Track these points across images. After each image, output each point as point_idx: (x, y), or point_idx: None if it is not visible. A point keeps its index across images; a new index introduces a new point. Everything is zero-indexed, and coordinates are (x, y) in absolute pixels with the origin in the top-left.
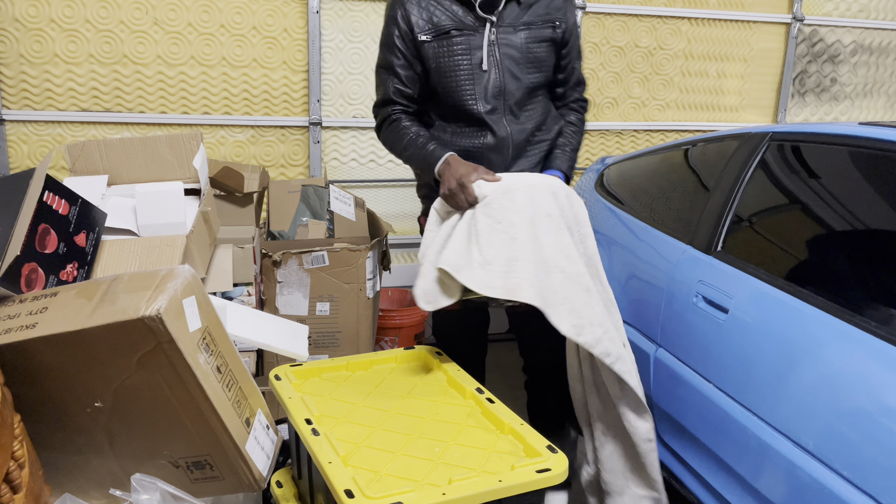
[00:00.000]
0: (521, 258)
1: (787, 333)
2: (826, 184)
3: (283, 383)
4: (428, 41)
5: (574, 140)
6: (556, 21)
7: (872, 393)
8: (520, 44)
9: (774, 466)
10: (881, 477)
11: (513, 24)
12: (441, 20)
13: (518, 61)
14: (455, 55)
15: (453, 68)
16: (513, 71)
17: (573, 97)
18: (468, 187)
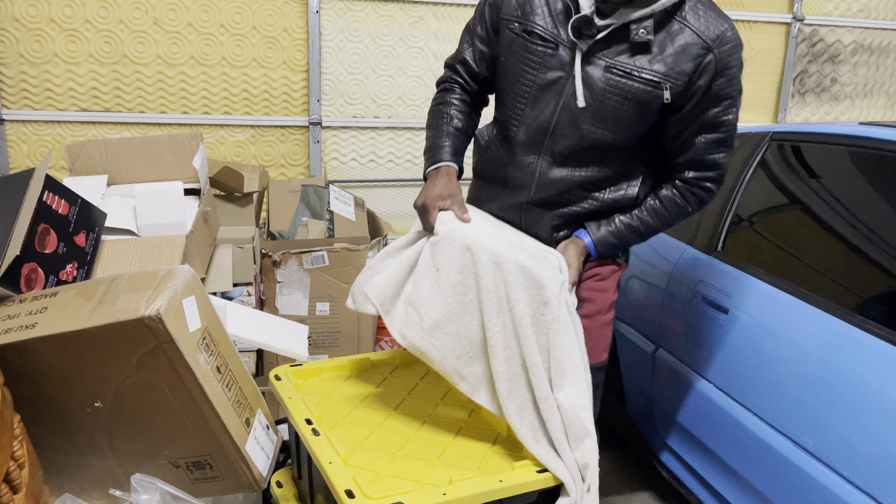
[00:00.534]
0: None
1: (787, 333)
2: (826, 184)
3: (283, 383)
4: (508, 30)
5: (642, 216)
6: (666, 83)
7: (872, 393)
8: (597, 89)
9: (774, 466)
10: (881, 477)
11: (604, 64)
12: (529, 13)
13: (590, 108)
14: (525, 62)
15: (517, 75)
16: (574, 116)
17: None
18: (430, 213)
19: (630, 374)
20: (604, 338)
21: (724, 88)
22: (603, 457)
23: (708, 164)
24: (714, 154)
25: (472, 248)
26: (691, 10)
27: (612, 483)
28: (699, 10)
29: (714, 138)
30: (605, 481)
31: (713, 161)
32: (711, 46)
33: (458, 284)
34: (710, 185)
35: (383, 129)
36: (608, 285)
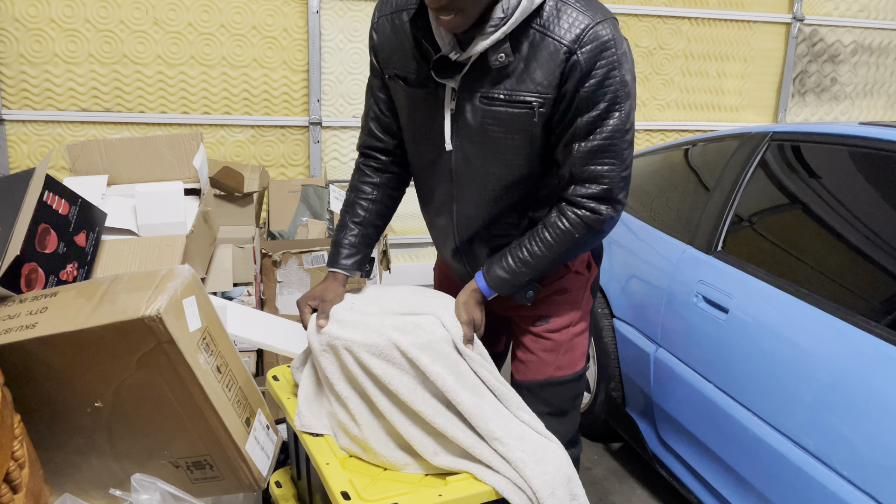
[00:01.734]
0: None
1: (787, 333)
2: (826, 184)
3: (281, 384)
4: (390, 78)
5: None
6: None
7: (872, 393)
8: (477, 123)
9: (774, 466)
10: (881, 477)
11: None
12: (401, 59)
13: (475, 143)
14: (409, 108)
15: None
16: (468, 154)
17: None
18: (301, 312)
19: (630, 374)
20: (577, 348)
21: (595, 91)
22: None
23: (587, 176)
24: (593, 165)
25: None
26: (550, 14)
27: (613, 483)
28: (559, 12)
29: (592, 147)
30: (606, 481)
31: (593, 173)
32: (573, 48)
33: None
34: (593, 204)
35: None
36: (575, 297)
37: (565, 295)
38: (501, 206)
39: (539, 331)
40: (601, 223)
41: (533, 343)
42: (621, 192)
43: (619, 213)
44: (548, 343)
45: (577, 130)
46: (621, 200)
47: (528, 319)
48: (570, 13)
